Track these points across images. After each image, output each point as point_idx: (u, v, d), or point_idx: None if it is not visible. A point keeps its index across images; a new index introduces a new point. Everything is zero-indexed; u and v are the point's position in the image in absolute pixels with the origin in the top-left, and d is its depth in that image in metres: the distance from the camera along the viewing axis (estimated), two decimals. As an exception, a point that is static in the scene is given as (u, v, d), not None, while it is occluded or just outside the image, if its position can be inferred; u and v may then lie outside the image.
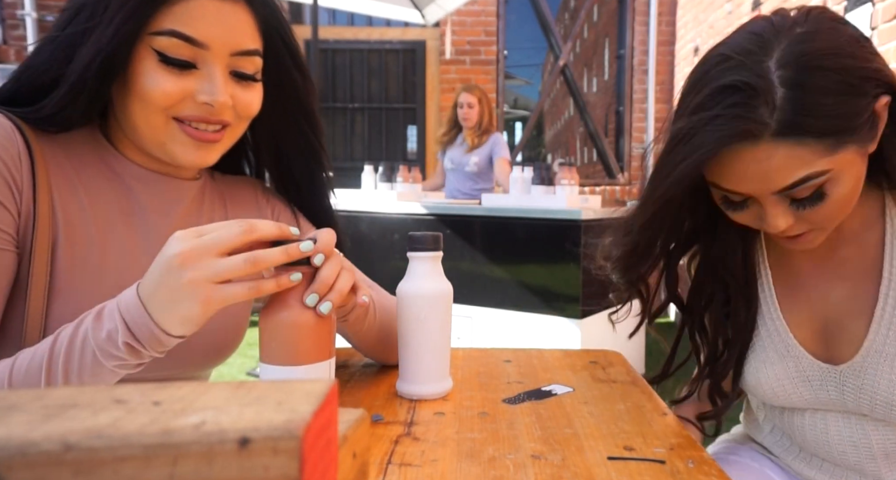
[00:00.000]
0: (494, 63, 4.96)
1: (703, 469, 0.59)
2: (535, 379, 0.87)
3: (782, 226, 0.70)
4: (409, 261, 0.78)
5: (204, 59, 0.69)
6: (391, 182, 3.11)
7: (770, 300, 0.84)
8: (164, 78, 0.68)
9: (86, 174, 0.73)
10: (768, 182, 0.67)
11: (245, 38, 0.71)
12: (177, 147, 0.71)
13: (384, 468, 0.58)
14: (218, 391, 0.27)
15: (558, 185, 2.56)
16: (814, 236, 0.73)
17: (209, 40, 0.68)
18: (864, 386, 0.75)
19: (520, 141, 5.31)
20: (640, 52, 5.07)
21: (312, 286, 0.62)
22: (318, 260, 0.61)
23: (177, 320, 0.56)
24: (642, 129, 5.12)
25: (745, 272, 0.84)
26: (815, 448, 0.83)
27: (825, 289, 0.80)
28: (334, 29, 5.14)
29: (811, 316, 0.80)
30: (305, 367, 0.62)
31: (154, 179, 0.77)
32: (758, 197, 0.69)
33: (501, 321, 2.59)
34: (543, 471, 0.58)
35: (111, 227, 0.74)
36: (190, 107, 0.70)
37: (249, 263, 0.55)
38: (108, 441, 0.22)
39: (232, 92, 0.71)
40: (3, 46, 4.48)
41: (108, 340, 0.57)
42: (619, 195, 5.10)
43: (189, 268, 0.54)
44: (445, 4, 4.17)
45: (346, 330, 0.81)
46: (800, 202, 0.68)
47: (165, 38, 0.67)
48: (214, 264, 0.55)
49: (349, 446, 0.33)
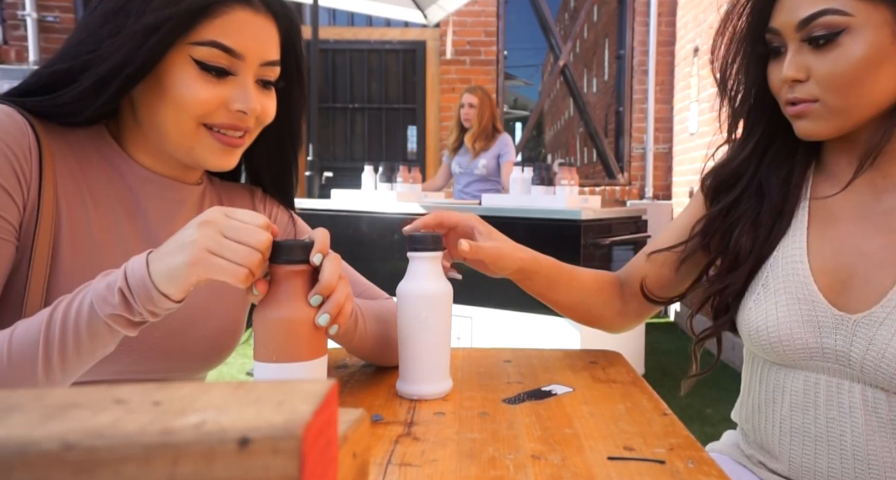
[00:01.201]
0: (494, 63, 4.97)
1: (703, 469, 0.59)
2: (535, 379, 0.87)
3: (790, 73, 0.75)
4: (409, 262, 0.78)
5: (238, 68, 0.73)
6: (391, 182, 3.10)
7: (799, 241, 0.82)
8: (201, 86, 0.70)
9: (90, 174, 0.74)
10: (794, 11, 0.73)
11: (272, 49, 0.75)
12: (205, 152, 0.74)
13: (384, 468, 0.58)
14: (218, 391, 0.27)
15: (558, 185, 2.56)
16: (816, 112, 0.76)
17: (245, 51, 0.72)
18: (875, 337, 0.73)
19: (520, 141, 5.30)
20: (640, 53, 5.07)
21: (316, 287, 0.63)
22: (317, 260, 0.62)
23: (165, 273, 0.58)
24: (642, 130, 5.12)
25: (784, 194, 0.85)
26: (801, 420, 0.82)
27: (859, 239, 0.79)
28: (334, 29, 5.14)
29: (837, 265, 0.79)
30: (299, 365, 0.62)
31: (158, 182, 0.78)
32: (785, 35, 0.75)
33: (501, 321, 2.59)
34: (543, 471, 0.58)
35: (113, 228, 0.74)
36: (222, 115, 0.73)
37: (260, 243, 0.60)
38: (108, 441, 0.22)
39: (259, 100, 0.75)
40: (3, 46, 4.48)
41: (107, 287, 0.59)
42: (618, 195, 5.10)
43: (200, 230, 0.58)
44: (446, 5, 4.18)
45: (338, 341, 0.81)
46: (814, 44, 0.73)
47: (206, 49, 0.70)
48: (219, 238, 0.59)
49: (349, 446, 0.33)
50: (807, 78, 0.75)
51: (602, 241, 2.51)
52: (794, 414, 0.82)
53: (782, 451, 0.83)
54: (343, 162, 5.13)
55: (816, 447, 0.80)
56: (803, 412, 0.81)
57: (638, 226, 2.90)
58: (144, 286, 0.59)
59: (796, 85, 0.76)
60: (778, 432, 0.83)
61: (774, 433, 0.84)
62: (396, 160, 5.02)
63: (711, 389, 2.89)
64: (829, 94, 0.74)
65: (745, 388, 0.92)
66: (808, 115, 0.77)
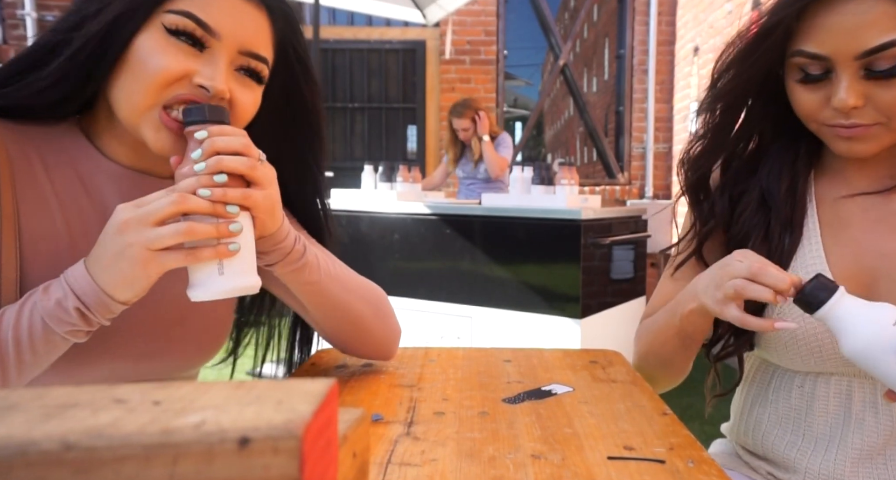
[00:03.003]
0: (494, 63, 4.96)
1: (703, 469, 0.59)
2: (534, 378, 0.87)
3: (851, 101, 0.70)
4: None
5: (212, 44, 0.67)
6: (391, 182, 3.10)
7: (816, 249, 0.81)
8: (166, 51, 0.65)
9: (56, 174, 0.71)
10: (856, 39, 0.68)
11: (257, 41, 0.70)
12: (150, 133, 0.67)
13: (384, 468, 0.58)
14: (218, 391, 0.27)
15: (558, 185, 2.56)
16: (874, 133, 0.72)
17: (221, 30, 0.67)
18: None
19: (520, 141, 5.30)
20: (640, 52, 5.07)
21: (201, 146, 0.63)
22: (200, 136, 0.63)
23: (119, 283, 0.58)
24: (642, 129, 5.12)
25: (791, 203, 0.83)
26: (795, 418, 0.81)
27: (877, 241, 0.78)
28: (334, 28, 5.13)
29: (859, 269, 0.78)
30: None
31: (129, 177, 0.75)
32: (837, 63, 0.70)
33: (501, 321, 2.59)
34: (543, 471, 0.58)
35: (81, 227, 0.72)
36: (184, 87, 0.67)
37: (175, 205, 0.59)
38: (108, 440, 0.22)
39: (231, 86, 0.69)
40: (3, 46, 4.48)
41: (58, 307, 0.59)
42: (618, 195, 5.10)
43: (126, 234, 0.58)
44: (446, 4, 4.17)
45: (299, 290, 0.77)
46: (876, 76, 0.69)
47: (179, 17, 0.66)
48: (149, 232, 0.58)
49: (349, 446, 0.33)
50: (864, 106, 0.72)
51: (602, 241, 2.51)
52: (823, 420, 0.80)
53: (799, 459, 0.81)
54: (343, 161, 5.13)
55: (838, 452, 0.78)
56: (834, 417, 0.80)
57: (638, 225, 2.90)
58: (100, 300, 0.59)
59: (853, 111, 0.72)
60: (800, 440, 0.82)
61: (795, 442, 0.83)
62: (396, 159, 5.02)
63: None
64: (892, 119, 0.71)
65: (749, 403, 0.89)
66: (864, 138, 0.74)
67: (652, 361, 0.91)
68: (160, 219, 0.59)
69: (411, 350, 1.01)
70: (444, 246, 2.72)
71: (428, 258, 2.77)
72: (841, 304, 0.66)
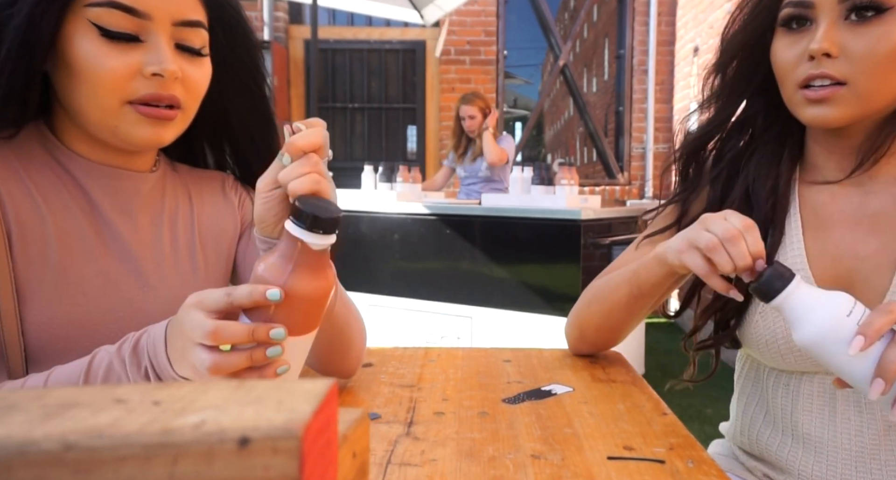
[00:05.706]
0: (494, 63, 4.96)
1: (703, 469, 0.59)
2: (534, 378, 0.87)
3: (825, 44, 0.70)
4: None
5: (147, 30, 0.66)
6: (391, 182, 3.11)
7: (798, 250, 0.81)
8: (107, 54, 0.64)
9: (37, 173, 0.70)
10: None
11: (187, 7, 0.68)
12: (130, 127, 0.67)
13: (384, 468, 0.58)
14: (218, 391, 0.27)
15: (558, 185, 2.56)
16: (840, 96, 0.72)
17: (150, 10, 0.65)
18: None
19: (520, 141, 5.30)
20: (639, 52, 5.07)
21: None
22: (286, 161, 0.59)
23: (188, 372, 0.57)
24: (642, 129, 5.12)
25: (773, 203, 0.83)
26: (782, 417, 0.82)
27: (855, 243, 0.78)
28: (334, 29, 5.14)
29: (838, 271, 0.78)
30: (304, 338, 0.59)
31: (105, 173, 0.74)
32: (820, 7, 0.71)
33: (501, 321, 2.59)
34: (543, 471, 0.58)
35: (69, 225, 0.71)
36: (141, 85, 0.66)
37: (209, 337, 0.54)
38: (108, 440, 0.22)
39: (180, 65, 0.68)
40: None
41: (143, 378, 0.59)
42: (618, 195, 5.10)
43: (185, 338, 0.55)
44: (444, 4, 4.17)
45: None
46: (860, 17, 0.70)
47: (103, 10, 0.63)
48: (193, 352, 0.55)
49: (349, 446, 0.33)
50: (837, 55, 0.71)
51: (602, 241, 2.51)
52: (808, 419, 0.81)
53: (791, 460, 0.82)
54: (343, 161, 5.13)
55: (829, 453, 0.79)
56: (819, 416, 0.80)
57: (638, 225, 2.91)
58: (168, 375, 0.59)
59: (825, 60, 0.71)
60: (790, 440, 0.82)
61: (785, 442, 0.83)
62: (396, 160, 5.02)
63: (711, 389, 2.89)
64: (860, 76, 0.70)
65: (744, 402, 0.90)
66: (830, 100, 0.72)
67: (594, 309, 0.91)
68: (205, 337, 0.55)
69: (411, 350, 1.01)
70: (444, 246, 2.72)
71: (428, 258, 2.77)
72: (795, 293, 0.65)
